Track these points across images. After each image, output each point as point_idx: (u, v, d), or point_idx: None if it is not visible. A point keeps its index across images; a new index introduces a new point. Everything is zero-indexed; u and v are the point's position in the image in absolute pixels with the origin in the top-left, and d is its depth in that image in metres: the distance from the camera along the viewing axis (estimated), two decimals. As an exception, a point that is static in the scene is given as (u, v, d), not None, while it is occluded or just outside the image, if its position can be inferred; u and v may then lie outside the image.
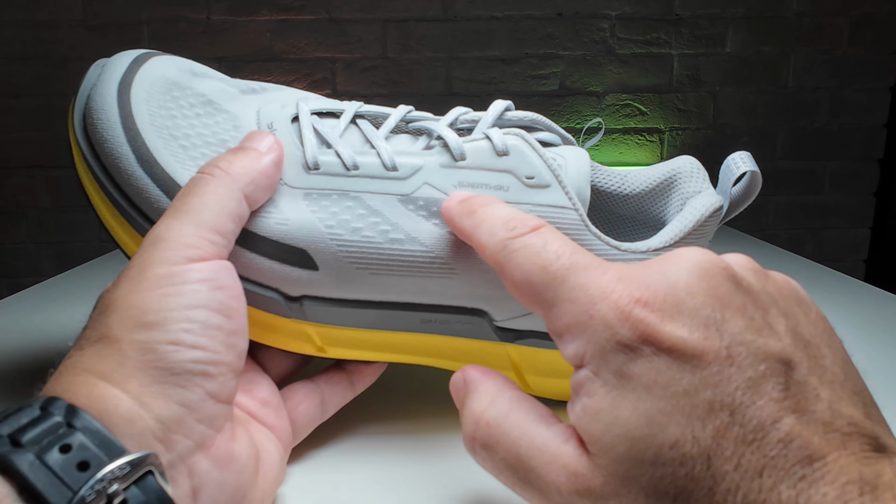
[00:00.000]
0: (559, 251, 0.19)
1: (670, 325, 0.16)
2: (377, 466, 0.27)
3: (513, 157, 0.26)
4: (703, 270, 0.17)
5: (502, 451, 0.18)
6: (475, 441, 0.19)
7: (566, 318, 0.18)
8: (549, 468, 0.17)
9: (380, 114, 0.28)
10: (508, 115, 0.28)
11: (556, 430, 0.18)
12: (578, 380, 0.17)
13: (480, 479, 0.25)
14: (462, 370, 0.21)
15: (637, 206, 0.32)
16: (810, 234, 1.55)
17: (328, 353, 0.28)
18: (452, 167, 0.26)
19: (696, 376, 0.15)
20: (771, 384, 0.15)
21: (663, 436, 0.15)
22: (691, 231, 0.28)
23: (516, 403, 0.19)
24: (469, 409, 0.20)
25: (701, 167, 0.31)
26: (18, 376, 0.35)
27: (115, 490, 0.16)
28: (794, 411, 0.15)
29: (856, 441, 0.15)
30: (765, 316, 0.17)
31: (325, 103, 0.28)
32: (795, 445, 0.14)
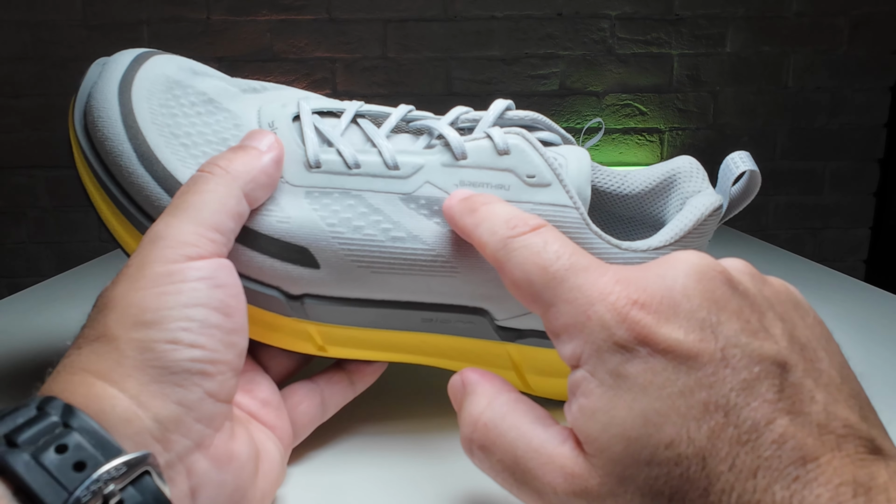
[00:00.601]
0: (559, 252, 0.19)
1: (666, 327, 0.16)
2: (377, 466, 0.27)
3: (514, 156, 0.26)
4: (700, 274, 0.17)
5: (499, 453, 0.18)
6: (472, 443, 0.19)
7: (564, 318, 0.18)
8: (545, 469, 0.17)
9: (381, 113, 0.28)
10: (509, 115, 0.28)
11: (553, 432, 0.18)
12: (575, 380, 0.17)
13: (480, 479, 0.25)
14: (460, 373, 0.21)
15: (637, 206, 0.32)
16: (810, 234, 1.55)
17: (329, 352, 0.28)
18: (454, 166, 0.26)
19: (691, 377, 0.15)
20: (765, 386, 0.15)
21: (659, 436, 0.15)
22: (691, 230, 0.27)
23: (513, 405, 0.19)
24: (467, 412, 0.20)
25: (700, 167, 0.31)
26: (18, 376, 0.35)
27: (112, 490, 0.16)
28: (788, 413, 0.15)
29: (850, 443, 0.15)
30: (761, 319, 0.17)
31: (326, 102, 0.28)
32: (789, 446, 0.14)
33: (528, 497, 0.18)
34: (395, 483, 0.26)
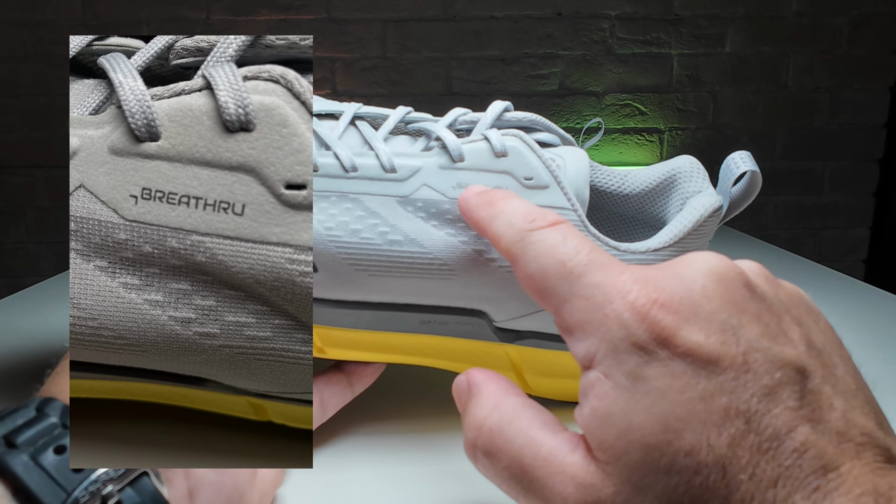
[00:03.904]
0: (578, 247, 0.18)
1: (686, 329, 0.16)
2: (376, 466, 0.27)
3: (511, 158, 0.26)
4: (720, 275, 0.17)
5: (506, 460, 0.18)
6: (477, 448, 0.19)
7: (579, 314, 0.17)
8: (555, 479, 0.16)
9: (379, 115, 0.28)
10: (507, 116, 0.28)
11: (562, 439, 0.17)
12: (588, 381, 0.17)
13: (480, 479, 0.25)
14: (466, 373, 0.21)
15: (637, 206, 0.32)
16: (810, 234, 1.55)
17: (328, 353, 0.28)
18: (451, 168, 0.26)
19: (711, 382, 0.15)
20: (787, 392, 0.15)
21: (679, 443, 0.15)
22: (691, 231, 0.27)
23: (521, 409, 0.18)
24: (471, 415, 0.19)
25: (701, 167, 0.30)
26: (17, 376, 0.35)
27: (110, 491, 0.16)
28: (809, 420, 0.15)
29: (869, 452, 0.15)
30: (779, 323, 0.16)
31: (324, 105, 0.28)
32: (810, 455, 0.14)
33: None
34: (394, 483, 0.26)
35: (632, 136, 1.48)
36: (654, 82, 1.47)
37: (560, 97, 1.46)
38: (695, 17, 1.44)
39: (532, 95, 1.45)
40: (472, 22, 1.42)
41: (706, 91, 1.47)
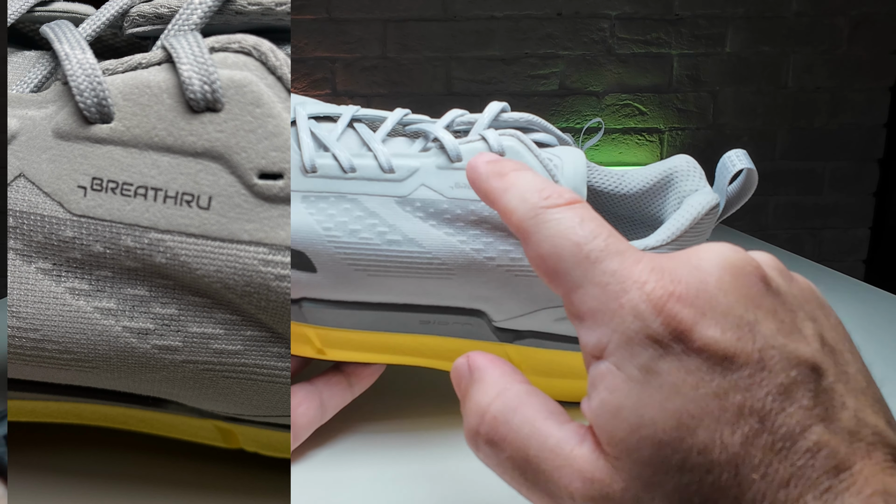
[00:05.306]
0: (596, 231, 0.18)
1: (702, 323, 0.15)
2: (377, 466, 0.27)
3: (508, 157, 0.26)
4: (736, 268, 0.16)
5: (510, 450, 0.17)
6: (479, 436, 0.18)
7: (592, 302, 0.16)
8: (561, 472, 0.16)
9: (377, 117, 0.28)
10: (504, 117, 0.28)
11: (569, 430, 0.17)
12: (599, 372, 0.16)
13: (480, 479, 0.25)
14: (466, 356, 0.20)
15: (634, 205, 0.32)
16: (810, 234, 1.55)
17: (327, 354, 0.28)
18: (449, 169, 0.26)
19: (726, 379, 0.15)
20: (801, 391, 0.15)
21: (692, 440, 0.14)
22: (688, 229, 0.28)
23: (526, 398, 0.18)
24: (474, 401, 0.18)
25: (697, 166, 0.31)
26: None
27: None
28: (822, 420, 0.14)
29: (879, 451, 0.14)
30: (794, 319, 0.16)
31: (323, 107, 0.28)
32: (823, 455, 0.14)
33: (538, 499, 0.17)
34: (394, 483, 0.26)
35: (632, 136, 1.48)
36: (654, 82, 1.47)
37: (560, 97, 1.46)
38: (695, 17, 1.44)
39: (532, 95, 1.45)
40: (472, 22, 1.42)
41: (706, 91, 1.48)
